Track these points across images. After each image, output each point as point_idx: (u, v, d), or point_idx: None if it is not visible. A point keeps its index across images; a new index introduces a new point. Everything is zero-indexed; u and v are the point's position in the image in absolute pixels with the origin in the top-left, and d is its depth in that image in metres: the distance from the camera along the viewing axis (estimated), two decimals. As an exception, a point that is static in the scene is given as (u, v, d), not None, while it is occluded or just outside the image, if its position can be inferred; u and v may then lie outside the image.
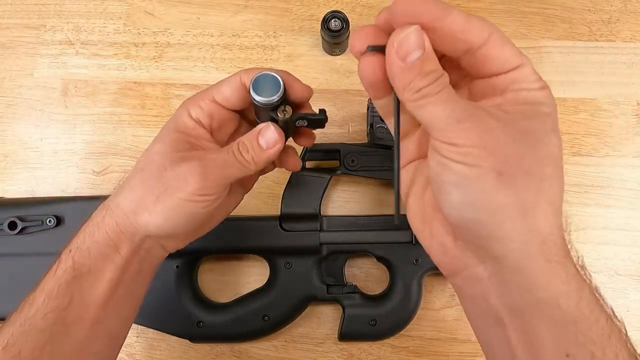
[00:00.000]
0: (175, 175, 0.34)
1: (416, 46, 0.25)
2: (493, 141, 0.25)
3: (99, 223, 0.35)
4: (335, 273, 0.50)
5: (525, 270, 0.27)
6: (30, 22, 0.58)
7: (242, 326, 0.49)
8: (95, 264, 0.34)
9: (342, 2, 0.58)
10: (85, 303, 0.33)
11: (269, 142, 0.35)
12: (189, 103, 0.37)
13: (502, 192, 0.26)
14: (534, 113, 0.27)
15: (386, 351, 0.51)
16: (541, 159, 0.27)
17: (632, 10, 0.58)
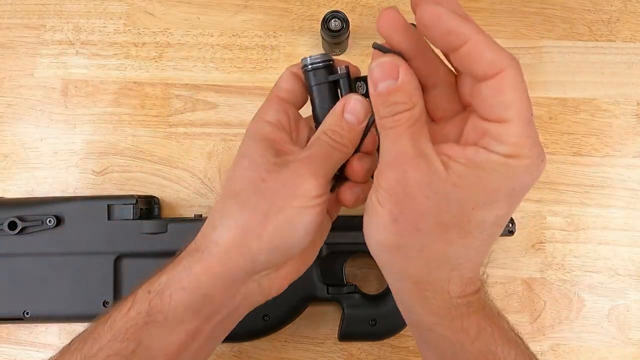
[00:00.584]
0: (282, 183, 0.30)
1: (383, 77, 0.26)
2: (402, 193, 0.27)
3: (191, 266, 0.30)
4: (335, 273, 0.50)
5: (405, 299, 0.31)
6: (30, 22, 0.58)
7: (242, 326, 0.49)
8: (174, 312, 0.30)
9: (342, 2, 0.58)
10: (151, 353, 0.30)
11: (358, 114, 0.31)
12: (261, 112, 0.34)
13: (389, 234, 0.28)
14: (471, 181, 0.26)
15: (386, 351, 0.51)
16: (443, 224, 0.27)
17: (632, 10, 0.58)
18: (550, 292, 0.52)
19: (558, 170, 0.54)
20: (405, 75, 0.26)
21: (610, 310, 0.52)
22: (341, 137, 0.31)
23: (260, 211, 0.29)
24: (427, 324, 0.30)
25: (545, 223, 0.54)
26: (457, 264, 0.28)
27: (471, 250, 0.28)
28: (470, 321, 0.30)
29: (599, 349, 0.51)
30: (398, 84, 0.26)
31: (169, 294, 0.30)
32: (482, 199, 0.26)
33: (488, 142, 0.26)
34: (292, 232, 0.30)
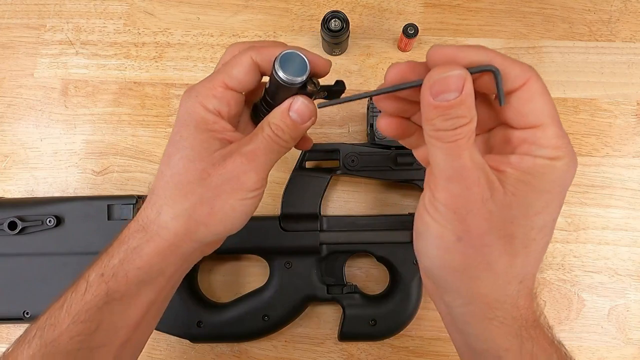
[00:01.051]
0: (226, 179, 0.32)
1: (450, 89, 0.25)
2: (466, 210, 0.26)
3: (141, 248, 0.32)
4: (335, 273, 0.50)
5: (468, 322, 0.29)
6: (30, 22, 0.58)
7: (242, 326, 0.49)
8: (132, 289, 0.32)
9: (342, 2, 0.58)
10: (115, 327, 0.32)
11: (303, 115, 0.33)
12: (200, 96, 0.33)
13: (455, 255, 0.27)
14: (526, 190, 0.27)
15: (386, 351, 0.51)
16: (508, 236, 0.27)
17: (632, 10, 0.58)
18: (550, 292, 0.52)
19: (558, 170, 0.54)
20: (469, 88, 0.25)
21: (610, 310, 0.52)
22: (283, 133, 0.33)
23: (206, 204, 0.32)
24: (496, 351, 0.29)
25: (545, 223, 0.53)
26: (524, 274, 0.28)
27: (533, 258, 0.28)
28: (539, 347, 0.29)
29: (599, 349, 0.51)
30: (462, 96, 0.25)
31: (124, 275, 0.32)
32: (540, 203, 0.27)
33: (528, 148, 0.27)
34: (235, 220, 0.33)
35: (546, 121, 0.26)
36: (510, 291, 0.28)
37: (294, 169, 0.50)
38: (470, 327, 0.29)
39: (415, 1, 0.58)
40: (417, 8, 0.58)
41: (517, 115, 0.27)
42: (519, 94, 0.26)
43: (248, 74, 0.33)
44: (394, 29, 0.57)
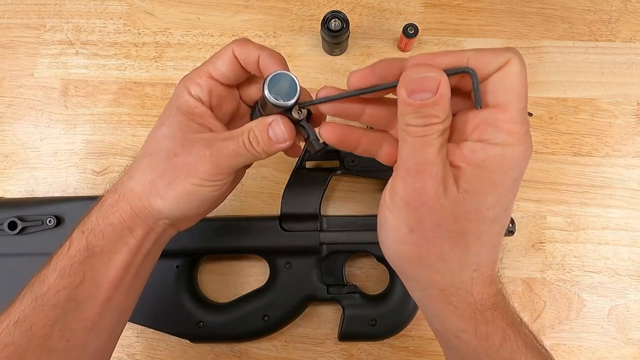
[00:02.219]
0: (187, 162, 0.34)
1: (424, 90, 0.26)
2: (419, 202, 0.28)
3: (113, 206, 0.35)
4: (335, 273, 0.50)
5: (430, 307, 0.31)
6: (30, 22, 0.58)
7: (242, 326, 0.49)
8: (109, 245, 0.34)
9: (342, 2, 0.58)
10: (97, 282, 0.34)
11: (278, 138, 0.34)
12: (187, 81, 0.36)
13: (408, 245, 0.29)
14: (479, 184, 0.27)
15: (386, 351, 0.51)
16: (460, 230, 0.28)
17: (632, 10, 0.58)
18: (550, 292, 0.52)
19: (558, 170, 0.54)
20: (444, 90, 0.26)
21: (610, 310, 0.52)
22: (257, 145, 0.34)
23: (166, 178, 0.34)
24: (454, 332, 0.31)
25: (545, 223, 0.54)
26: (477, 263, 0.29)
27: (489, 247, 0.29)
28: (496, 328, 0.30)
29: (599, 349, 0.51)
30: (436, 97, 0.26)
31: (101, 230, 0.34)
32: (492, 199, 0.28)
33: (485, 131, 0.27)
34: (188, 202, 0.35)
35: (511, 101, 0.26)
36: (464, 279, 0.29)
37: (294, 169, 0.50)
38: (430, 310, 0.32)
39: (415, 1, 0.58)
40: (417, 8, 0.58)
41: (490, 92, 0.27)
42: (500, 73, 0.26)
43: (229, 66, 0.35)
44: (394, 29, 0.57)
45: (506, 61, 0.26)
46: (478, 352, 0.30)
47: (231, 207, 0.54)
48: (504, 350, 0.30)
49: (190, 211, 0.36)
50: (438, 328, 0.33)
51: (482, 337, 0.30)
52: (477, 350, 0.30)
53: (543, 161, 0.55)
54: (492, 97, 0.27)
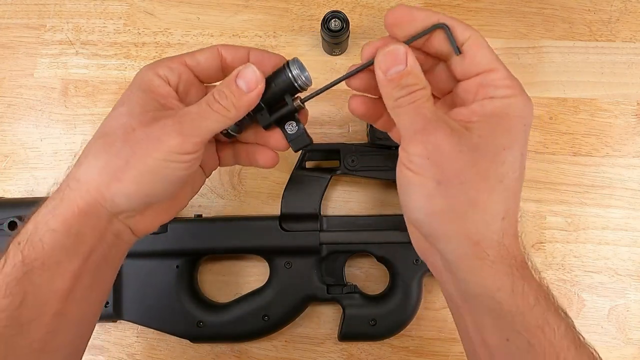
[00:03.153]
0: (147, 135, 0.30)
1: (397, 62, 0.29)
2: (438, 154, 0.29)
3: (55, 207, 0.31)
4: (335, 273, 0.50)
5: (461, 267, 0.30)
6: (30, 22, 0.58)
7: (242, 326, 0.49)
8: (50, 257, 0.30)
9: (342, 2, 0.58)
10: (41, 299, 0.30)
11: (249, 83, 0.32)
12: (157, 64, 0.34)
13: (438, 198, 0.29)
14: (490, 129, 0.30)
15: (386, 351, 0.51)
16: (481, 173, 0.29)
17: (632, 10, 0.58)
18: (550, 292, 0.52)
19: (558, 170, 0.54)
20: (413, 61, 0.29)
21: (610, 310, 0.52)
22: (226, 99, 0.32)
23: (122, 157, 0.30)
24: (489, 292, 0.30)
25: (545, 223, 0.54)
26: (505, 210, 0.30)
27: (510, 193, 0.30)
28: (530, 286, 0.30)
29: (599, 349, 0.51)
30: (408, 68, 0.29)
31: (39, 239, 0.30)
32: (506, 140, 0.29)
33: (486, 92, 0.30)
34: (151, 183, 0.31)
35: (495, 65, 0.30)
36: (495, 228, 0.30)
37: (294, 169, 0.50)
38: (464, 273, 0.30)
39: (415, 1, 0.58)
40: (417, 8, 0.58)
41: (471, 64, 0.31)
42: (469, 45, 0.30)
43: (208, 60, 0.35)
44: (394, 29, 0.57)
45: (469, 35, 0.30)
46: (513, 314, 0.29)
47: (231, 207, 0.54)
48: (537, 311, 0.29)
49: (151, 197, 0.32)
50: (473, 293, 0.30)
51: (518, 295, 0.29)
52: (511, 311, 0.29)
53: (543, 161, 0.55)
54: (478, 66, 0.30)
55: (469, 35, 0.30)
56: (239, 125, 0.36)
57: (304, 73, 0.34)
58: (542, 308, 0.30)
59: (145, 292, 0.49)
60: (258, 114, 0.35)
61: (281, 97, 0.35)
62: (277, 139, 0.37)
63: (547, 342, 0.29)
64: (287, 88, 0.34)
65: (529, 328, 0.29)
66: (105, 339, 0.52)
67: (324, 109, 0.55)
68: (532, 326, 0.29)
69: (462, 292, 0.32)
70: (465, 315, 0.32)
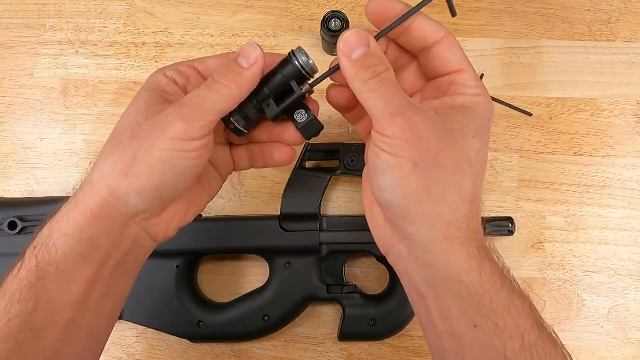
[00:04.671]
0: (151, 127, 0.30)
1: (359, 45, 0.30)
2: (415, 137, 0.29)
3: (69, 213, 0.30)
4: (335, 273, 0.50)
5: (432, 250, 0.30)
6: (30, 22, 0.58)
7: (242, 326, 0.49)
8: (65, 261, 0.30)
9: (342, 2, 0.58)
10: (54, 305, 0.30)
11: (249, 58, 0.31)
12: (166, 67, 0.35)
13: (415, 180, 0.30)
14: (460, 117, 0.31)
15: (386, 351, 0.51)
16: (456, 157, 0.30)
17: (632, 10, 0.58)
18: (550, 292, 0.52)
19: (558, 170, 0.54)
20: (374, 44, 0.31)
21: (610, 310, 0.52)
22: (226, 77, 0.31)
23: (130, 152, 0.30)
24: (458, 274, 0.30)
25: (545, 223, 0.54)
26: (473, 194, 0.31)
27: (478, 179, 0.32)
28: (496, 267, 0.31)
29: (599, 349, 0.51)
30: (371, 49, 0.30)
31: (53, 244, 0.30)
32: (474, 127, 0.31)
33: (457, 88, 0.32)
34: (160, 175, 0.30)
35: (465, 67, 0.32)
36: (465, 211, 0.31)
37: (294, 169, 0.50)
38: (434, 256, 0.30)
39: (415, 1, 0.58)
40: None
41: (443, 62, 0.32)
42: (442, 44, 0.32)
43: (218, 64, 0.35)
44: (394, 29, 0.57)
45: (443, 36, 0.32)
46: (480, 296, 0.30)
47: (231, 207, 0.54)
48: (503, 293, 0.30)
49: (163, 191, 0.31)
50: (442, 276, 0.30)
51: (486, 278, 0.30)
52: (478, 294, 0.30)
53: (543, 161, 0.55)
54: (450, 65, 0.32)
55: (443, 35, 0.32)
56: (247, 120, 0.35)
57: (310, 60, 0.34)
58: (508, 290, 0.30)
59: (145, 292, 0.49)
60: (265, 105, 0.34)
61: (288, 88, 0.34)
62: (291, 133, 0.37)
63: (513, 323, 0.29)
64: (294, 76, 0.34)
65: (497, 311, 0.30)
66: (105, 339, 0.52)
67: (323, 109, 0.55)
68: (499, 309, 0.30)
69: (428, 279, 0.31)
70: (430, 305, 0.32)
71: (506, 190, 0.54)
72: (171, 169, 0.30)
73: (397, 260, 0.34)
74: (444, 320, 0.31)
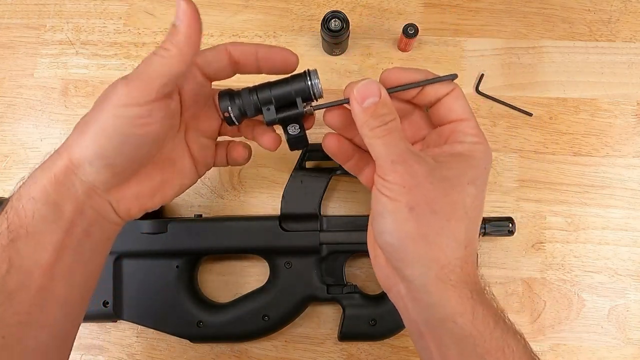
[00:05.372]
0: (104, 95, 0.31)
1: (371, 94, 0.32)
2: (413, 183, 0.32)
3: (37, 177, 0.31)
4: (335, 273, 0.50)
5: (428, 291, 0.32)
6: (30, 22, 0.58)
7: (242, 326, 0.49)
8: (33, 225, 0.30)
9: (342, 2, 0.58)
10: (26, 269, 0.30)
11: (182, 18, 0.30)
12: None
13: (411, 224, 0.32)
14: (457, 165, 0.33)
15: (386, 351, 0.51)
16: (451, 203, 0.32)
17: (632, 10, 0.58)
18: (550, 292, 0.52)
19: (558, 170, 0.54)
20: (384, 93, 0.33)
21: (610, 310, 0.52)
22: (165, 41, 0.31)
23: (83, 121, 0.32)
24: (451, 316, 0.31)
25: (545, 223, 0.54)
26: (468, 239, 0.33)
27: (473, 224, 0.33)
28: (489, 310, 0.32)
29: (599, 349, 0.51)
30: (382, 99, 0.33)
31: (22, 207, 0.30)
32: (470, 175, 0.33)
33: (457, 137, 0.34)
34: (107, 141, 0.31)
35: (468, 116, 0.35)
36: (459, 254, 0.32)
37: (294, 169, 0.50)
38: (430, 296, 0.32)
39: (415, 1, 0.58)
40: (417, 8, 0.58)
41: (448, 111, 0.35)
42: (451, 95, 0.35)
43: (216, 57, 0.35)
44: (394, 29, 0.57)
45: (452, 88, 0.35)
46: (474, 337, 0.31)
47: (231, 207, 0.54)
48: (497, 333, 0.31)
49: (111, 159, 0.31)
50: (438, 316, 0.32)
51: (479, 320, 0.31)
52: (472, 335, 0.31)
53: (543, 161, 0.55)
54: (454, 114, 0.35)
55: (452, 87, 0.35)
56: (243, 114, 0.37)
57: (320, 84, 0.36)
58: (501, 331, 0.32)
59: (145, 292, 0.49)
60: (265, 109, 0.37)
61: (292, 101, 0.36)
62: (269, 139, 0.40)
63: None
64: (301, 93, 0.36)
65: (490, 351, 0.31)
66: (105, 339, 0.52)
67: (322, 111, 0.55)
68: (493, 349, 0.31)
69: (426, 319, 0.33)
70: (429, 343, 0.34)
71: (506, 190, 0.54)
72: (116, 136, 0.31)
73: (397, 298, 0.36)
74: (441, 357, 0.33)
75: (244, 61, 0.36)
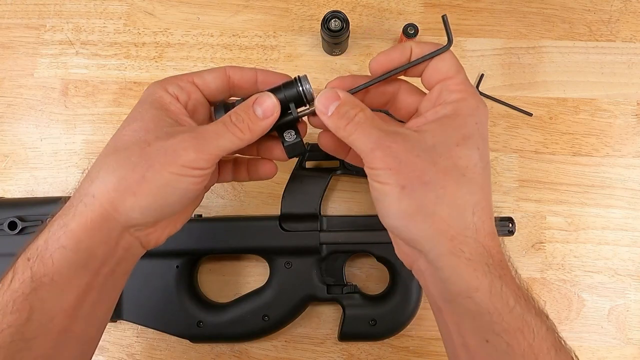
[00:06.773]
0: (164, 149, 0.31)
1: (331, 101, 0.33)
2: (396, 162, 0.31)
3: (67, 224, 0.30)
4: (335, 273, 0.50)
5: (441, 266, 0.31)
6: (30, 22, 0.58)
7: (242, 326, 0.49)
8: (60, 273, 0.30)
9: (342, 2, 0.58)
10: (48, 314, 0.30)
11: (266, 110, 0.34)
12: (166, 81, 0.36)
13: (405, 202, 0.31)
14: (442, 129, 0.32)
15: (386, 351, 0.51)
16: (442, 170, 0.31)
17: (632, 10, 0.58)
18: (550, 292, 0.52)
19: (558, 170, 0.54)
20: (343, 95, 0.33)
21: (610, 310, 0.52)
22: (242, 122, 0.33)
23: (138, 171, 0.31)
24: (466, 291, 0.30)
25: (545, 223, 0.54)
26: (473, 203, 0.31)
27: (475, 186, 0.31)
28: (508, 286, 0.30)
29: (599, 349, 0.51)
30: (342, 100, 0.33)
31: (49, 256, 0.30)
32: (457, 136, 0.32)
33: (441, 97, 0.33)
34: (166, 197, 0.32)
35: (453, 74, 0.33)
36: (467, 223, 0.31)
37: (294, 169, 0.50)
38: (444, 272, 0.31)
39: (415, 1, 0.58)
40: (417, 8, 0.58)
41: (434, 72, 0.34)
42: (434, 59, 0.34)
43: (217, 79, 0.36)
44: (394, 29, 0.57)
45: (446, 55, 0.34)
46: (491, 314, 0.29)
47: (231, 207, 0.54)
48: (516, 312, 0.30)
49: (165, 210, 0.32)
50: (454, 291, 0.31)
51: (496, 296, 0.30)
52: (489, 312, 0.29)
53: (543, 161, 0.55)
54: (439, 74, 0.34)
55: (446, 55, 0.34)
56: None
57: (311, 89, 0.36)
58: (521, 310, 0.30)
59: (145, 292, 0.49)
60: None
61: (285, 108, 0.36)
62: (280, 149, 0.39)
63: (526, 344, 0.29)
64: (294, 99, 0.36)
65: (508, 330, 0.29)
66: (105, 339, 0.52)
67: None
68: (512, 328, 0.29)
69: (443, 294, 0.32)
70: (447, 318, 0.33)
71: (506, 190, 0.54)
72: (177, 191, 0.32)
73: (419, 274, 0.35)
74: (458, 333, 0.32)
75: (244, 85, 0.37)
